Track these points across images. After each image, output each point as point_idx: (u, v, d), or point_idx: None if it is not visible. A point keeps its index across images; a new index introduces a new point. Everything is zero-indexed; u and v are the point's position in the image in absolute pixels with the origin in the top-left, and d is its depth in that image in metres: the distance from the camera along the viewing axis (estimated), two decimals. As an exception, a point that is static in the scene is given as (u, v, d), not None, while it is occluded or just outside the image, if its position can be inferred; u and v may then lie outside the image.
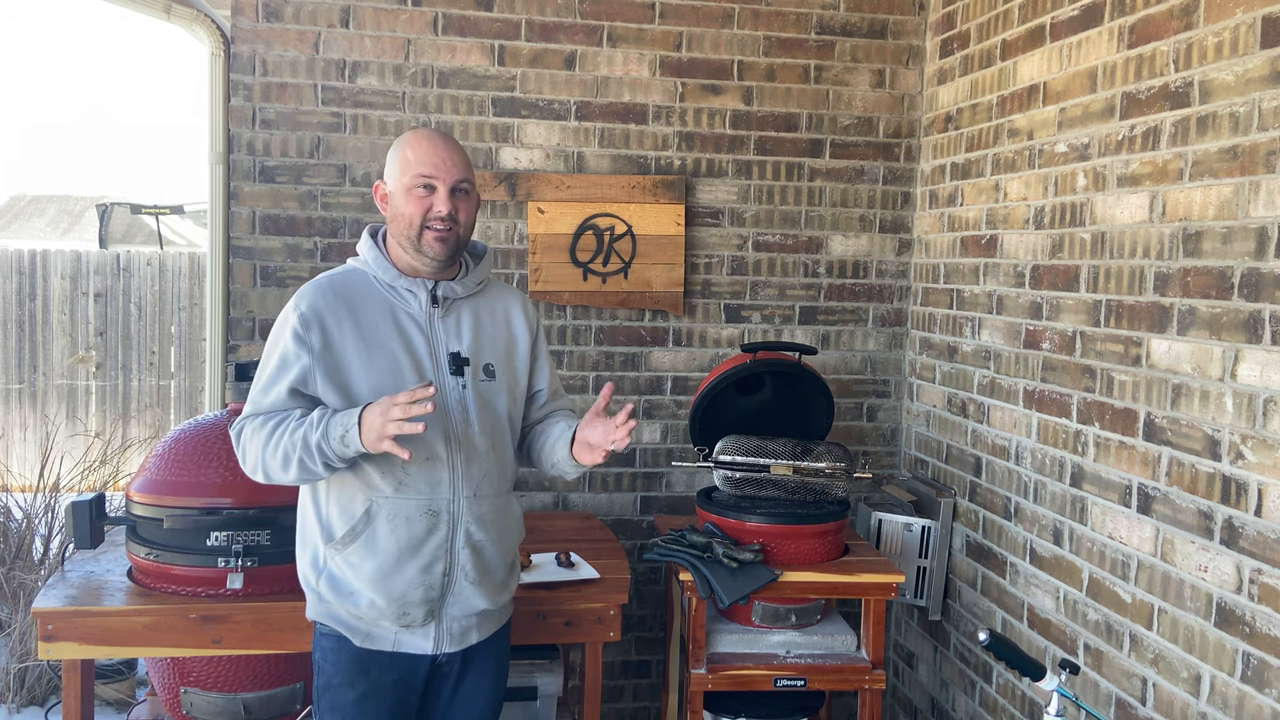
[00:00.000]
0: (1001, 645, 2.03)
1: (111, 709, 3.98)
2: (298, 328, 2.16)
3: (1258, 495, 2.09)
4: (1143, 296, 2.47)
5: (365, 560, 2.15)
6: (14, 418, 8.22)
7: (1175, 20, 2.38)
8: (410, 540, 2.16)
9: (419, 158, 2.18)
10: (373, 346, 2.17)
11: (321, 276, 2.27)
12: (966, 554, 3.33)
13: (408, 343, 2.20)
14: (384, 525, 2.15)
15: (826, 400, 3.26)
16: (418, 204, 2.18)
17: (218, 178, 3.44)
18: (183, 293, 8.43)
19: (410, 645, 2.21)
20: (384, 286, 2.24)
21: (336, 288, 2.22)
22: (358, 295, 2.22)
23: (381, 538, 2.15)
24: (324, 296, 2.19)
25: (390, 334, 2.19)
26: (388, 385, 2.14)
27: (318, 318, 2.17)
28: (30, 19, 36.65)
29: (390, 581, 2.15)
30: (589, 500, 3.69)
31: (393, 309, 2.22)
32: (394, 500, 2.15)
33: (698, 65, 3.62)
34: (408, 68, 3.49)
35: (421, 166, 2.18)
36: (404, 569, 2.15)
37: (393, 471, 2.15)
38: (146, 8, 3.59)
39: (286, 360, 2.16)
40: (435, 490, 2.18)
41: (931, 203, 3.66)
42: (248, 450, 2.16)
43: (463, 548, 2.21)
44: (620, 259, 3.60)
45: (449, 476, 2.19)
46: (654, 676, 3.79)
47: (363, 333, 2.18)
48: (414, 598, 2.17)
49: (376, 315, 2.20)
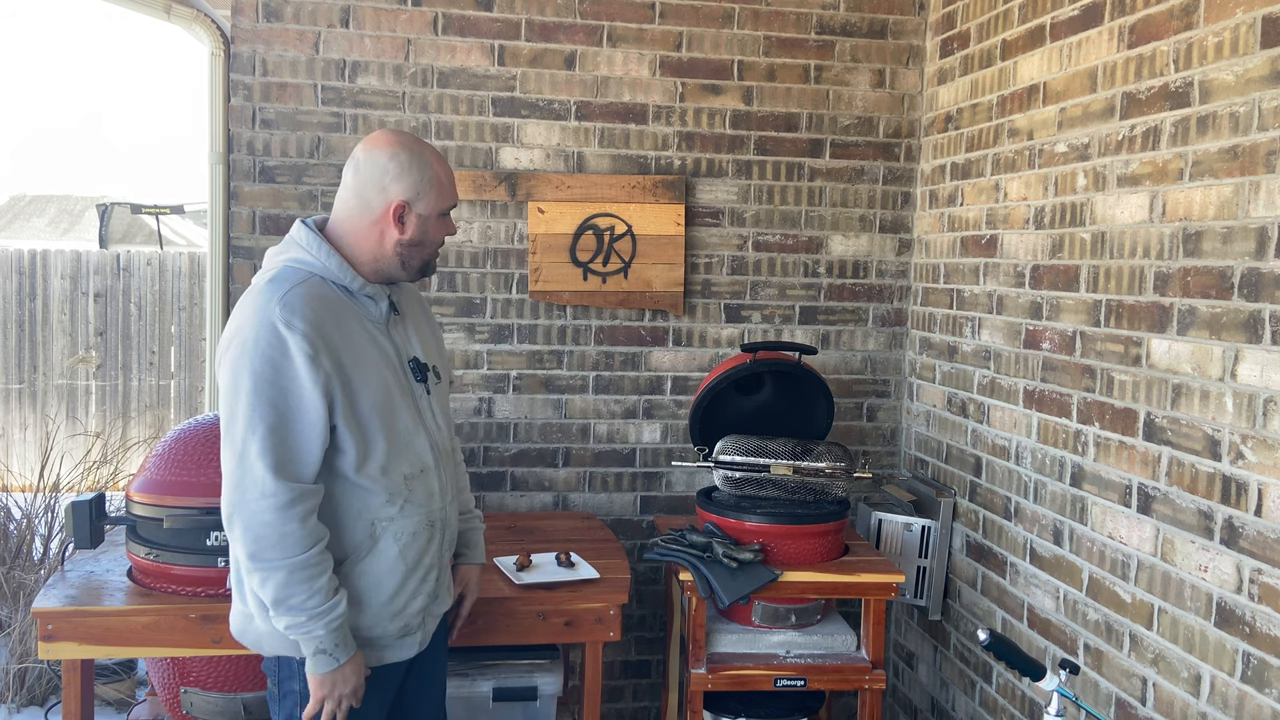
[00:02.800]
0: (1001, 645, 2.03)
1: (111, 709, 3.97)
2: (307, 351, 1.91)
3: (1258, 495, 2.09)
4: (1143, 296, 2.47)
5: (367, 581, 2.06)
6: (14, 418, 8.21)
7: (1175, 20, 2.38)
8: (416, 555, 2.11)
9: (451, 184, 2.15)
10: (363, 361, 2.03)
11: (284, 283, 1.99)
12: (966, 554, 3.33)
13: (384, 354, 2.08)
14: (390, 545, 2.07)
15: (826, 400, 3.26)
16: (445, 230, 2.15)
17: (218, 178, 3.44)
18: (183, 293, 8.43)
19: (400, 653, 2.15)
20: (344, 293, 2.06)
21: (316, 295, 1.99)
22: (333, 303, 2.02)
23: (389, 558, 2.07)
24: (313, 309, 1.95)
25: (369, 346, 2.05)
26: (383, 404, 2.04)
27: (317, 335, 1.94)
28: (30, 19, 36.65)
29: (396, 600, 2.09)
30: (589, 500, 3.69)
31: (359, 318, 2.07)
32: (399, 520, 2.08)
33: (698, 65, 3.62)
34: (408, 68, 3.49)
35: (454, 195, 2.16)
36: (408, 584, 2.11)
37: (398, 490, 2.07)
38: (146, 8, 3.59)
39: (303, 398, 1.92)
40: (431, 501, 2.15)
41: (931, 203, 3.66)
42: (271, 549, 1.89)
43: (445, 550, 2.21)
44: (620, 259, 3.60)
45: (438, 485, 2.17)
46: (654, 676, 3.79)
47: (352, 347, 2.01)
48: (414, 608, 2.14)
49: (352, 326, 2.04)
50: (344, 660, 1.98)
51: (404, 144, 2.09)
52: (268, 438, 1.90)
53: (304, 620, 1.93)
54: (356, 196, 2.08)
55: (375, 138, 2.11)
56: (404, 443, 2.09)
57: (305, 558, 1.92)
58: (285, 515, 1.90)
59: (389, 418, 2.06)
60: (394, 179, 2.06)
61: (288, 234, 2.11)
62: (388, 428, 2.05)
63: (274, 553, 1.91)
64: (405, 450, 2.09)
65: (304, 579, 1.92)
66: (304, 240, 2.06)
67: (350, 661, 1.99)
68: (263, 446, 1.90)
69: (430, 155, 2.11)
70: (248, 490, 1.91)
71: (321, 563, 1.95)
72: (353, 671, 2.00)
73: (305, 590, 1.92)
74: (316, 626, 1.94)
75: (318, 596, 1.93)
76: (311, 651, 1.96)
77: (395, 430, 2.07)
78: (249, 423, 1.91)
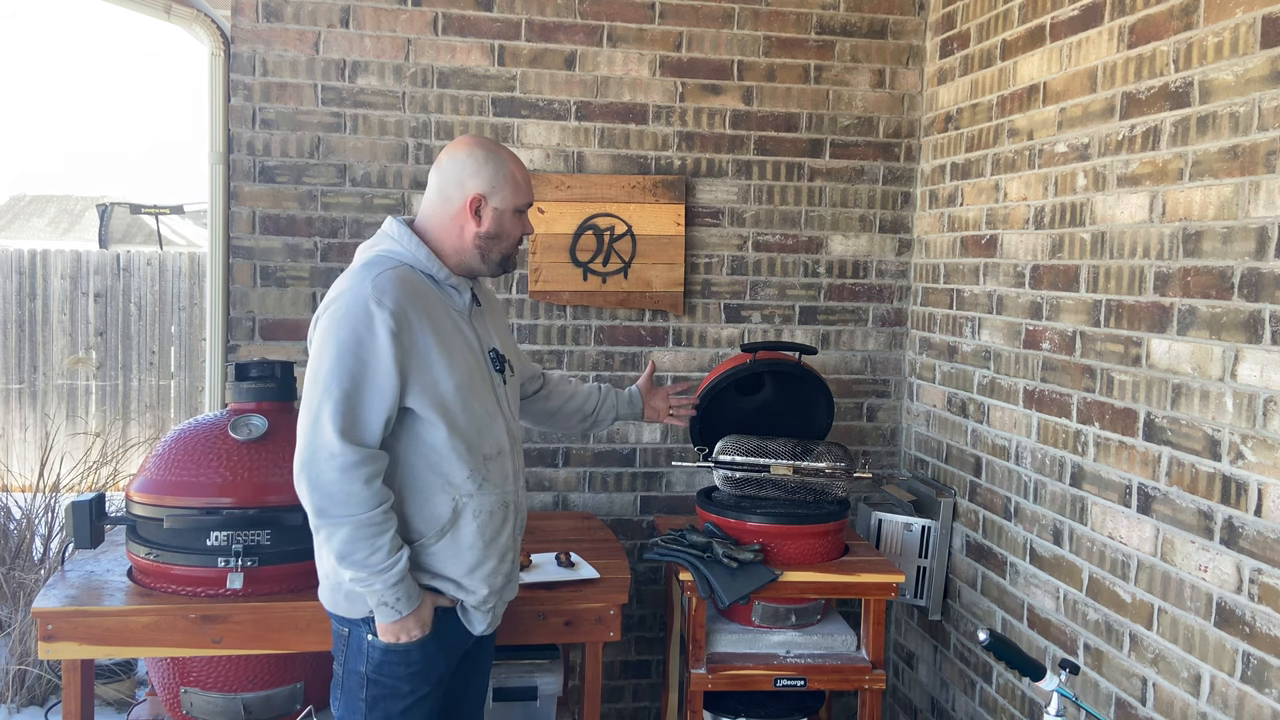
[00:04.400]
0: (1001, 645, 2.03)
1: (111, 709, 3.97)
2: (392, 328, 2.06)
3: (1258, 495, 2.09)
4: (1143, 296, 2.47)
5: (450, 556, 2.19)
6: (14, 418, 8.21)
7: (1175, 20, 2.38)
8: (493, 534, 2.23)
9: (526, 183, 2.29)
10: (449, 344, 2.18)
11: (380, 267, 2.15)
12: (966, 554, 3.33)
13: (467, 341, 2.24)
14: (469, 522, 2.19)
15: (826, 400, 3.26)
16: (522, 227, 2.29)
17: (218, 178, 3.44)
18: (183, 293, 8.42)
19: (473, 623, 2.26)
20: (432, 282, 2.22)
21: (407, 280, 2.15)
22: (422, 290, 2.18)
23: (468, 534, 2.19)
24: (403, 291, 2.11)
25: (454, 332, 2.21)
26: (466, 385, 2.18)
27: (404, 314, 2.09)
28: (30, 19, 36.66)
29: (477, 573, 2.21)
30: (589, 500, 3.69)
31: (446, 306, 2.23)
32: (478, 497, 2.20)
33: (698, 65, 3.62)
34: (408, 68, 3.49)
35: (530, 194, 2.29)
36: (487, 561, 2.22)
37: (477, 468, 2.19)
38: (146, 8, 3.58)
39: (379, 370, 2.06)
40: (506, 483, 2.27)
41: (931, 203, 3.66)
42: (338, 505, 2.03)
43: (518, 534, 2.34)
44: (620, 259, 3.60)
45: (513, 468, 2.30)
46: (654, 676, 3.79)
47: (439, 330, 2.16)
48: (496, 585, 2.25)
49: (440, 311, 2.19)
50: (406, 613, 2.12)
51: (481, 144, 2.27)
52: (342, 403, 2.04)
53: (365, 575, 2.07)
54: (439, 193, 2.25)
55: (457, 140, 2.30)
56: (484, 424, 2.23)
57: (368, 516, 2.05)
58: (349, 475, 2.03)
59: (470, 399, 2.20)
60: (471, 175, 2.23)
61: (380, 228, 2.27)
62: (469, 409, 2.19)
63: (340, 510, 2.04)
64: (485, 431, 2.23)
65: (367, 536, 2.05)
66: (395, 232, 2.23)
67: (413, 613, 2.13)
68: (335, 410, 2.04)
69: (505, 155, 2.27)
70: (318, 450, 2.05)
71: (384, 522, 2.07)
72: (416, 623, 2.14)
73: (368, 547, 2.05)
74: (376, 581, 2.07)
75: (380, 553, 2.06)
76: (375, 604, 2.11)
77: (476, 412, 2.21)
78: (326, 387, 2.05)
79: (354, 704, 2.21)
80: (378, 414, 2.08)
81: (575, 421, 2.79)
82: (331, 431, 2.04)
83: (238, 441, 2.56)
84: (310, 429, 2.07)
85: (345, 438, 2.04)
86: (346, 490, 2.04)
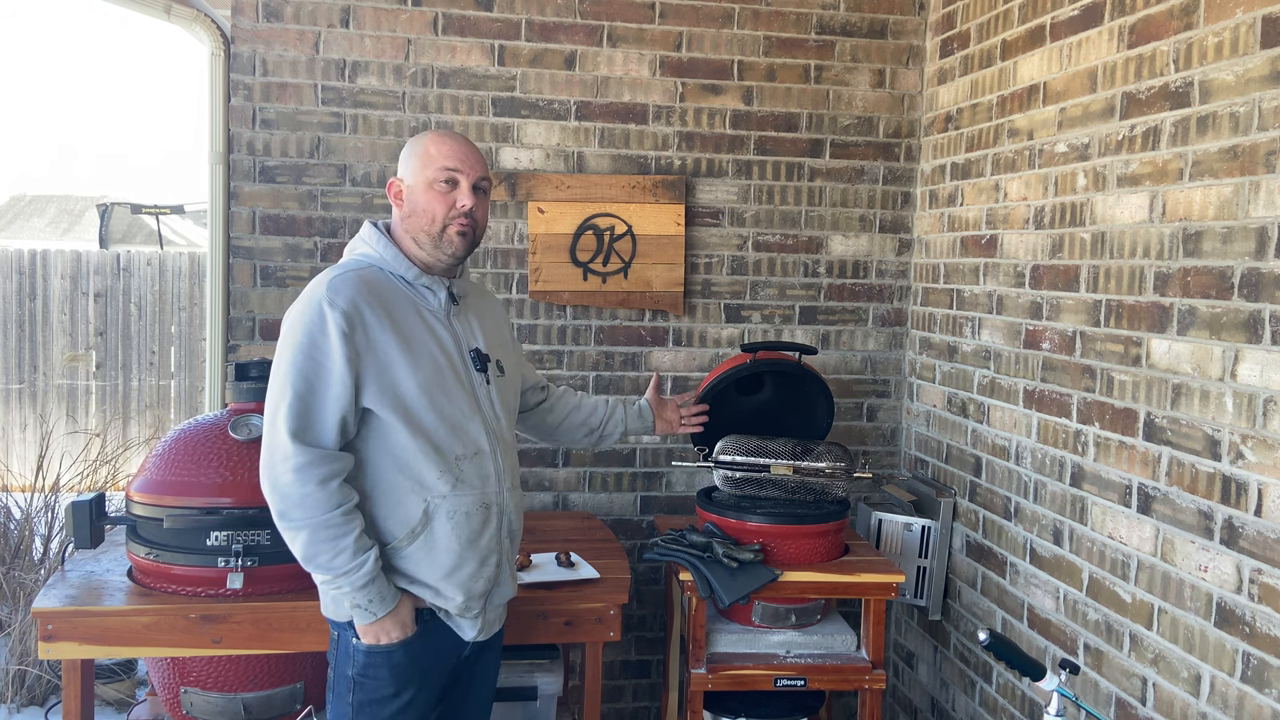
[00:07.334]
0: (1001, 645, 2.03)
1: (111, 709, 3.98)
2: (343, 328, 2.05)
3: (1258, 495, 2.09)
4: (1143, 296, 2.47)
5: (425, 559, 2.15)
6: (14, 418, 8.22)
7: (1175, 20, 2.38)
8: (470, 536, 2.19)
9: (442, 152, 2.20)
10: (413, 344, 2.15)
11: (342, 270, 2.16)
12: (966, 554, 3.33)
13: (439, 341, 2.20)
14: (444, 524, 2.15)
15: (826, 400, 3.25)
16: (441, 199, 2.19)
17: (218, 178, 3.44)
18: (183, 293, 8.43)
19: (461, 629, 2.24)
20: (402, 283, 2.20)
21: (366, 281, 2.13)
22: (385, 290, 2.16)
23: (442, 536, 2.15)
24: (358, 291, 2.10)
25: (422, 331, 2.18)
26: (433, 385, 2.15)
27: (359, 314, 2.08)
28: (30, 19, 36.67)
29: (454, 577, 2.17)
30: (589, 500, 3.69)
31: (416, 306, 2.20)
32: (451, 498, 2.16)
33: (698, 65, 3.62)
34: (408, 68, 3.49)
35: (445, 160, 2.20)
36: (465, 564, 2.18)
37: (449, 469, 2.16)
38: (146, 8, 3.59)
39: (331, 371, 2.05)
40: (486, 484, 2.22)
41: (931, 203, 3.66)
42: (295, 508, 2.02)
43: (505, 537, 2.28)
44: (620, 259, 3.60)
45: (494, 470, 2.25)
46: (654, 676, 3.79)
47: (400, 330, 2.13)
48: (476, 590, 2.21)
49: (406, 312, 2.17)
50: (381, 614, 2.10)
51: (416, 136, 2.28)
52: (294, 404, 2.04)
53: (331, 578, 2.06)
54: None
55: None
56: (456, 424, 2.18)
57: (325, 519, 2.03)
58: (302, 477, 2.02)
59: (439, 399, 2.16)
60: (398, 166, 2.27)
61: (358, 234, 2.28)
62: (437, 408, 2.15)
63: (298, 512, 2.03)
64: (457, 432, 2.18)
65: (327, 539, 2.03)
66: (367, 235, 2.24)
67: (390, 615, 2.11)
68: (289, 412, 2.03)
69: (430, 135, 2.25)
70: (275, 452, 2.05)
71: (344, 524, 2.04)
72: (394, 624, 2.12)
73: (330, 549, 2.03)
74: (344, 583, 2.06)
75: (342, 556, 2.04)
76: (349, 606, 2.10)
77: (446, 411, 2.17)
78: (281, 389, 2.06)
79: (342, 707, 2.19)
80: (331, 415, 2.05)
81: (580, 436, 2.75)
82: (285, 433, 2.03)
83: (238, 441, 2.57)
84: (269, 431, 2.07)
85: (297, 439, 2.02)
86: (301, 492, 2.02)
